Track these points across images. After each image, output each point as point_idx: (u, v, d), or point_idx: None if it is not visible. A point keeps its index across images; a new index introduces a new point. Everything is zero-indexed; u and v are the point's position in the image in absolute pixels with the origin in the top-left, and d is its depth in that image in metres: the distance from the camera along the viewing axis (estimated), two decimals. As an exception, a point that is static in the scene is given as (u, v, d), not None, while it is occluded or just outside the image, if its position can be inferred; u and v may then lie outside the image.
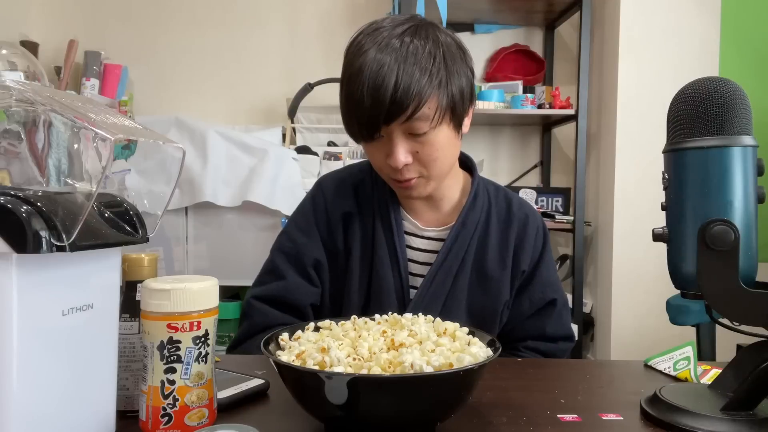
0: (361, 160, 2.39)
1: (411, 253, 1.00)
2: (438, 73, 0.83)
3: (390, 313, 0.71)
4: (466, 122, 0.94)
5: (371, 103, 0.82)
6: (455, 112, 0.87)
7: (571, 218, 2.53)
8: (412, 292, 0.98)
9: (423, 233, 1.01)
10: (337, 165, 2.36)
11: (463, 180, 1.04)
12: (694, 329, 1.63)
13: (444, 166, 0.91)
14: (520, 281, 1.01)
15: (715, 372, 0.77)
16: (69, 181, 0.58)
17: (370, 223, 1.00)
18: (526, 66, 2.76)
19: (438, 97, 0.84)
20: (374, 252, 0.98)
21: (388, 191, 1.01)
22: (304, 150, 2.41)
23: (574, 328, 2.15)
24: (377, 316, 0.71)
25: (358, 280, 0.99)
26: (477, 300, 0.98)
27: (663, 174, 0.65)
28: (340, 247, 1.00)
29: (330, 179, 1.06)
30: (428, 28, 0.88)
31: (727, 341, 1.31)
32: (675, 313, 1.51)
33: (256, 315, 0.98)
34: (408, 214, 1.02)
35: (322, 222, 1.02)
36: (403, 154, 0.86)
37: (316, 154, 2.41)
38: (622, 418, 0.64)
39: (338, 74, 0.91)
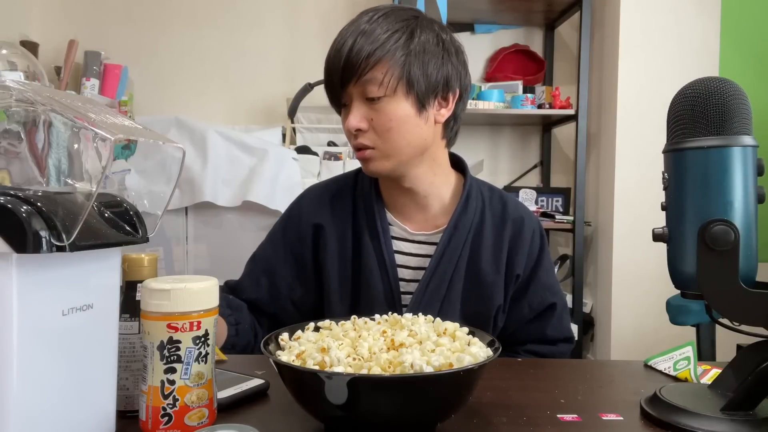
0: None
1: (402, 259, 0.99)
2: (395, 44, 0.88)
3: (390, 313, 0.71)
4: (443, 112, 0.94)
5: (332, 67, 0.90)
6: (413, 87, 0.89)
7: (571, 218, 2.53)
8: (405, 298, 0.97)
9: (413, 238, 1.00)
10: (337, 165, 2.36)
11: (454, 181, 1.02)
12: (694, 329, 1.63)
13: (400, 141, 0.91)
14: (517, 286, 1.00)
15: (715, 372, 0.77)
16: (69, 181, 0.58)
17: (348, 234, 1.00)
18: (526, 66, 2.76)
19: (390, 65, 0.87)
20: (361, 260, 0.98)
21: (374, 197, 1.00)
22: (304, 150, 2.41)
23: (574, 328, 2.15)
24: (377, 316, 0.71)
25: (339, 290, 0.99)
26: (471, 305, 0.97)
27: (663, 174, 0.65)
28: (309, 259, 1.02)
29: (310, 190, 1.09)
30: (413, 19, 0.91)
31: (727, 341, 1.31)
32: (675, 313, 1.51)
33: None
34: (396, 218, 1.01)
35: (292, 233, 1.04)
36: (356, 117, 0.90)
37: (316, 154, 2.41)
38: (622, 418, 0.64)
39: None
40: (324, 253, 1.00)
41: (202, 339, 0.56)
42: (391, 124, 0.89)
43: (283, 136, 2.56)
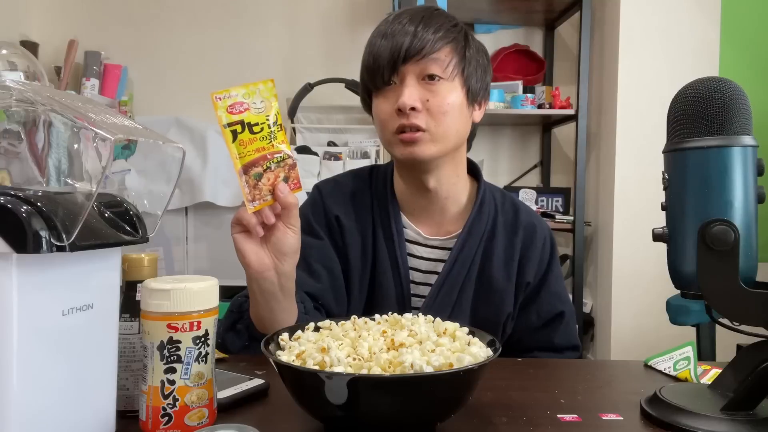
0: (361, 160, 2.40)
1: (414, 262, 0.99)
2: (457, 35, 0.92)
3: (390, 313, 0.71)
4: (477, 114, 0.97)
5: (392, 42, 0.89)
6: (468, 81, 0.92)
7: (571, 218, 2.53)
8: (414, 300, 0.97)
9: (427, 242, 1.00)
10: (337, 165, 2.36)
11: (470, 186, 1.02)
12: (694, 329, 1.63)
13: (451, 128, 0.91)
14: (527, 293, 1.00)
15: (715, 372, 0.77)
16: (69, 181, 0.58)
17: (369, 231, 0.99)
18: (526, 66, 2.76)
19: (455, 52, 0.91)
20: (375, 260, 0.98)
21: (389, 198, 1.00)
22: (304, 150, 2.41)
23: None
24: (377, 316, 0.70)
25: (358, 286, 0.98)
26: (481, 311, 0.97)
27: (663, 174, 0.65)
28: (341, 248, 1.00)
29: (327, 183, 1.07)
30: (460, 25, 0.95)
31: (727, 341, 1.31)
32: (675, 313, 1.50)
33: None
34: (411, 222, 1.00)
35: (321, 224, 1.01)
36: (412, 96, 0.89)
37: (316, 154, 2.41)
38: (622, 418, 0.64)
39: (338, 74, 0.94)
40: (348, 247, 0.99)
41: (202, 339, 0.56)
42: (447, 108, 0.90)
43: (283, 136, 2.56)
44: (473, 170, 1.05)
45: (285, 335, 0.64)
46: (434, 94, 0.89)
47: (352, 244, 0.99)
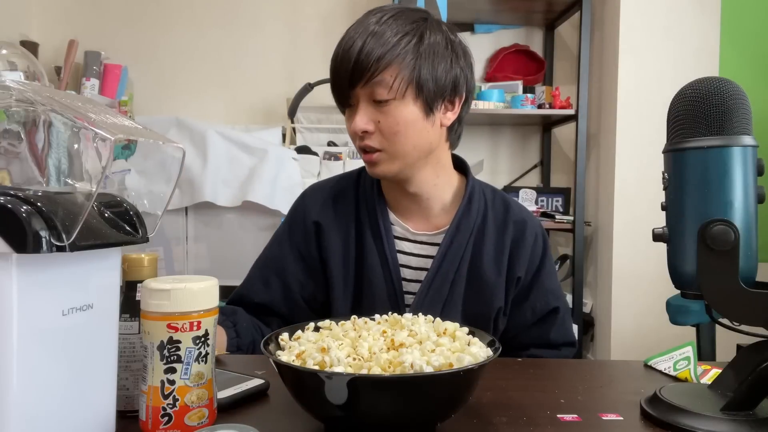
0: (361, 160, 2.39)
1: (403, 258, 0.99)
2: (405, 47, 0.87)
3: (390, 313, 0.71)
4: (449, 116, 0.94)
5: (340, 68, 0.89)
6: (422, 91, 0.88)
7: (571, 218, 2.53)
8: (407, 297, 0.98)
9: (415, 237, 1.00)
10: (337, 165, 2.36)
11: (456, 183, 1.02)
12: (694, 329, 1.63)
13: (407, 145, 0.90)
14: (520, 290, 1.00)
15: (715, 372, 0.77)
16: (69, 181, 0.58)
17: (352, 232, 1.00)
18: (526, 66, 2.76)
19: (400, 68, 0.87)
20: (364, 259, 0.98)
21: (376, 197, 1.00)
22: (304, 150, 2.41)
23: (574, 328, 2.15)
24: (377, 316, 0.71)
25: (342, 289, 0.99)
26: (472, 307, 0.97)
27: (663, 174, 0.65)
28: (315, 257, 1.02)
29: (312, 189, 1.08)
30: (422, 21, 0.90)
31: (727, 341, 1.31)
32: (675, 313, 1.51)
33: None
34: (399, 218, 1.01)
35: (298, 232, 1.03)
36: (363, 119, 0.89)
37: (316, 154, 2.41)
38: (622, 418, 0.64)
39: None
40: (327, 251, 1.00)
41: (202, 339, 0.56)
42: (399, 128, 0.89)
43: (283, 136, 2.56)
44: (461, 165, 1.05)
45: (285, 335, 0.64)
46: (385, 115, 0.88)
47: (333, 247, 1.00)
